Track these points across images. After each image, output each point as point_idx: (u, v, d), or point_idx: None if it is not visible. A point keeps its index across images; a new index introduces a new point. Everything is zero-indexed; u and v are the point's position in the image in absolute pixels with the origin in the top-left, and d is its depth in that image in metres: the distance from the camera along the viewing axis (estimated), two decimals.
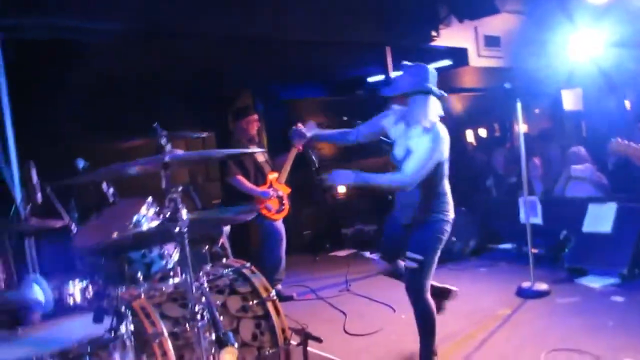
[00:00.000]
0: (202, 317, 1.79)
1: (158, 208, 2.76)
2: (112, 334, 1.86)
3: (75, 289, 2.58)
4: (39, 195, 3.12)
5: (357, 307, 4.76)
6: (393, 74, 6.08)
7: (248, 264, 2.78)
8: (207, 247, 3.10)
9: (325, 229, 7.34)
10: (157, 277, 2.69)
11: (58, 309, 2.49)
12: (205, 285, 1.98)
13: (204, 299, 1.87)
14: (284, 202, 5.26)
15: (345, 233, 7.28)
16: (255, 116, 5.23)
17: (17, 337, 1.99)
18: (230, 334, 1.77)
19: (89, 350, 1.77)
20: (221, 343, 1.74)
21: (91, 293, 2.65)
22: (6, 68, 3.59)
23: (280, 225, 5.24)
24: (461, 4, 5.95)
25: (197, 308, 1.80)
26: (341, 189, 7.92)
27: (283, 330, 2.55)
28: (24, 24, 3.66)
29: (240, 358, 2.41)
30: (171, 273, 2.73)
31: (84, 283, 2.64)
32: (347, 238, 7.24)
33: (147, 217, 2.70)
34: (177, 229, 1.78)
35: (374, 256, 6.37)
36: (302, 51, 5.68)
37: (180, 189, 1.77)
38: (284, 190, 5.30)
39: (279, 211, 5.23)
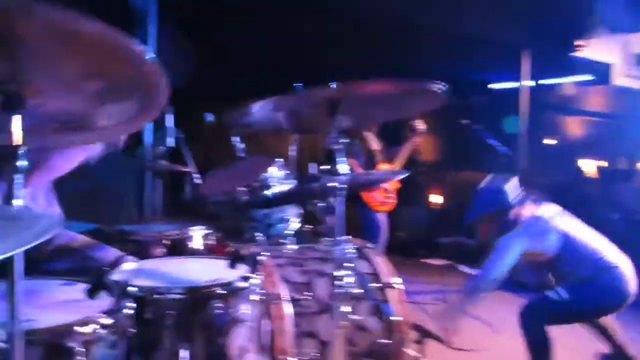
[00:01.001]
0: (342, 280, 1.63)
1: (287, 171, 2.67)
2: (244, 283, 1.73)
3: (196, 234, 2.54)
4: (171, 140, 3.13)
5: None
6: (526, 82, 5.68)
7: (370, 244, 2.60)
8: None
9: (419, 234, 7.05)
10: (275, 241, 2.62)
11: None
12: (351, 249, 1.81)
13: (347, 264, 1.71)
14: (390, 195, 5.06)
15: (441, 242, 6.94)
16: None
17: (144, 268, 1.93)
18: (386, 305, 1.59)
19: (219, 292, 1.65)
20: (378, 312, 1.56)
21: (210, 241, 2.61)
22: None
23: (382, 217, 5.05)
24: (614, 13, 5.41)
25: (341, 272, 1.63)
26: (437, 199, 7.61)
27: (401, 322, 2.34)
28: None
29: (349, 340, 2.24)
30: (288, 239, 2.64)
31: (205, 230, 2.60)
32: (443, 247, 6.91)
33: (276, 177, 2.62)
34: (334, 184, 1.62)
35: (473, 271, 6.03)
36: (425, 42, 5.40)
37: (346, 140, 1.61)
38: (393, 184, 5.09)
39: (383, 203, 5.03)
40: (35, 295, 1.55)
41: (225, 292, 1.69)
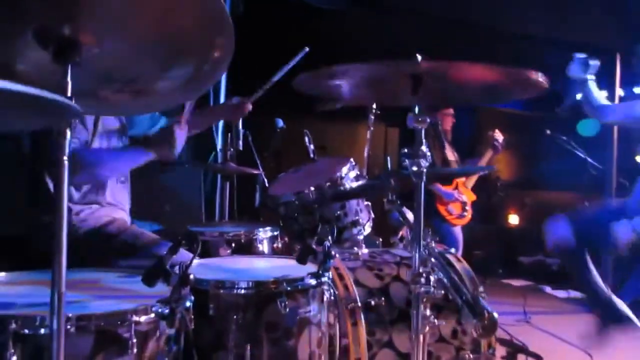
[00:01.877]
0: (427, 280, 1.41)
1: (359, 172, 2.51)
2: (314, 280, 1.56)
3: (264, 236, 2.41)
4: (241, 143, 3.06)
5: (539, 343, 4.03)
6: (619, 91, 5.21)
7: (453, 250, 2.36)
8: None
9: (499, 252, 6.60)
10: (347, 245, 2.44)
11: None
12: (434, 246, 1.60)
13: (433, 261, 1.49)
14: (467, 208, 4.76)
15: (522, 261, 6.46)
16: (452, 110, 4.81)
17: (211, 264, 1.80)
18: (482, 301, 1.36)
19: (286, 288, 1.49)
20: (473, 311, 1.33)
21: (280, 244, 2.47)
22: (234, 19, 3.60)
23: (458, 231, 4.75)
24: None
25: (422, 270, 1.42)
26: (514, 220, 7.14)
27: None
28: None
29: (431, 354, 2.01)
30: (362, 244, 2.45)
31: (273, 232, 2.47)
32: (524, 267, 6.42)
33: (347, 177, 2.46)
34: (416, 168, 1.43)
35: (557, 293, 5.55)
36: (507, 48, 5.07)
37: (429, 121, 1.41)
38: (470, 197, 4.80)
39: (460, 217, 4.74)
40: (92, 284, 1.45)
41: (293, 289, 1.53)
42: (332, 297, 1.70)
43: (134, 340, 1.15)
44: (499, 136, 4.86)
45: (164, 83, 1.08)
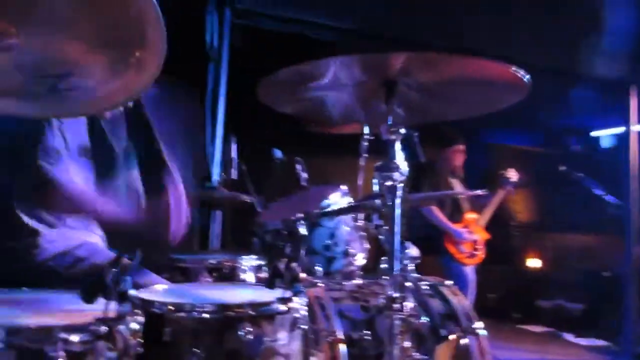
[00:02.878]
0: (401, 307, 1.28)
1: (352, 200, 2.42)
2: (283, 305, 1.43)
3: (247, 264, 2.31)
4: (234, 172, 3.00)
5: None
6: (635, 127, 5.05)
7: (449, 282, 2.21)
8: None
9: (515, 296, 6.31)
10: (337, 276, 2.32)
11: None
12: (413, 269, 1.47)
13: (407, 284, 1.36)
14: (478, 247, 4.58)
15: (541, 306, 6.16)
16: (463, 146, 4.71)
17: (177, 289, 1.70)
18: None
19: (250, 313, 1.36)
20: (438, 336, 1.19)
21: (264, 273, 2.36)
22: (231, 52, 3.61)
23: (470, 271, 4.55)
24: None
25: (395, 295, 1.29)
26: (532, 261, 6.87)
27: None
28: (256, 11, 3.68)
29: None
30: (355, 275, 2.32)
31: (257, 261, 2.37)
32: (543, 312, 6.11)
33: (339, 205, 2.37)
34: (389, 182, 1.32)
35: (581, 341, 5.24)
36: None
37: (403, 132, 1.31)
38: (482, 235, 4.63)
39: (471, 256, 4.55)
40: (37, 304, 1.35)
41: (257, 314, 1.40)
42: (309, 329, 1.57)
43: None
44: (512, 175, 4.73)
45: (97, 76, 1.01)
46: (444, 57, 1.27)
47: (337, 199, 2.40)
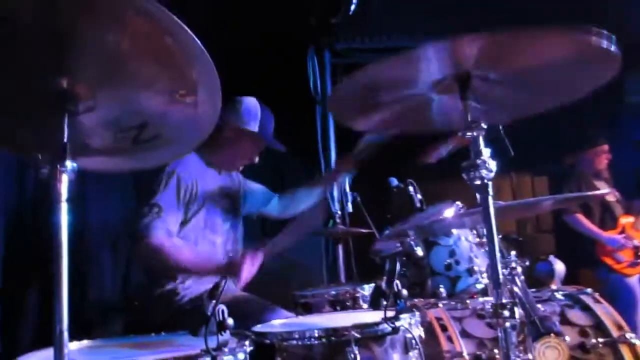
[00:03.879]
0: (512, 313, 1.16)
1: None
2: (391, 325, 1.39)
3: (367, 293, 2.29)
4: (350, 205, 3.02)
5: None
6: None
7: (589, 290, 1.97)
8: None
9: None
10: (464, 297, 2.19)
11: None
12: (520, 272, 1.34)
13: (516, 289, 1.24)
14: None
15: None
16: (606, 146, 4.26)
17: (290, 322, 1.73)
18: (555, 322, 1.08)
19: (356, 335, 1.34)
20: (538, 331, 1.07)
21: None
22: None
23: (634, 283, 4.00)
24: None
25: (504, 299, 1.18)
26: None
27: None
28: (352, 48, 3.77)
29: None
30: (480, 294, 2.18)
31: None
32: None
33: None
34: (478, 181, 1.23)
35: None
36: None
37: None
38: None
39: (633, 265, 4.01)
40: (159, 345, 1.45)
41: (364, 336, 1.37)
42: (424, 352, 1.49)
43: None
44: None
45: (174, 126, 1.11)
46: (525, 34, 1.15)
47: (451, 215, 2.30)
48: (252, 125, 2.31)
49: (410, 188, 2.70)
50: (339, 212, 2.86)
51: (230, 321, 1.16)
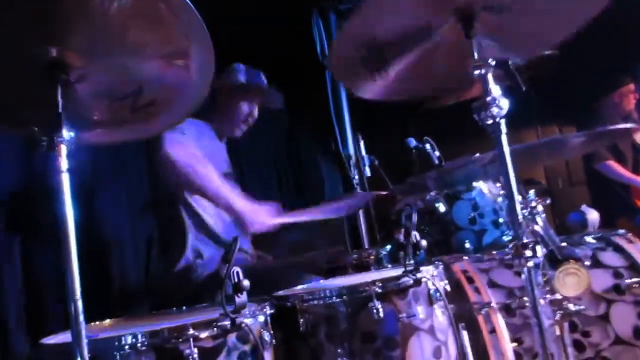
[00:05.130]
0: (534, 252, 1.15)
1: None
2: (412, 277, 1.39)
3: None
4: (367, 169, 3.02)
5: None
6: None
7: (622, 231, 1.94)
8: None
9: None
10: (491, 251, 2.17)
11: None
12: (540, 211, 1.33)
13: (537, 229, 1.23)
14: None
15: None
16: (632, 86, 4.14)
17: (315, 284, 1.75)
18: (574, 249, 1.07)
19: (377, 290, 1.35)
20: (556, 259, 1.06)
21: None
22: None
23: None
24: None
25: (525, 238, 1.17)
26: None
27: None
28: None
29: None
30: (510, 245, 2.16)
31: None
32: None
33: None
34: (491, 121, 1.21)
35: None
36: None
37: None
38: None
39: None
40: (180, 316, 1.49)
41: (384, 290, 1.38)
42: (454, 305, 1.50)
43: (195, 356, 1.13)
44: None
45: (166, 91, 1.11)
46: None
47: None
48: (240, 78, 2.37)
49: (428, 145, 2.68)
50: (357, 177, 2.86)
51: (246, 282, 1.18)
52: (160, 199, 2.27)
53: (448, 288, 1.58)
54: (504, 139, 1.22)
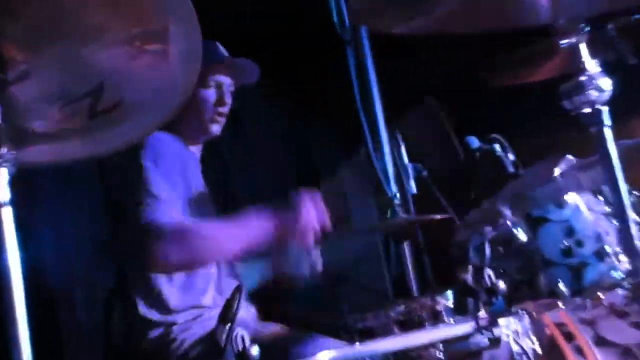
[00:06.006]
0: None
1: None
2: (487, 335, 1.43)
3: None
4: (413, 184, 3.04)
5: None
6: None
7: None
8: None
9: None
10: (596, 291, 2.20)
11: None
12: None
13: None
14: None
15: None
16: None
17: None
18: None
19: (439, 356, 1.40)
20: None
21: None
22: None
23: None
24: None
25: None
26: None
27: None
28: None
29: None
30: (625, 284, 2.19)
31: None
32: None
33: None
34: (588, 109, 1.25)
35: None
36: None
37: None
38: None
39: None
40: None
41: (451, 355, 1.42)
42: None
43: None
44: None
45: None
46: None
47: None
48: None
49: (497, 146, 2.72)
50: (398, 196, 2.89)
51: (254, 350, 1.22)
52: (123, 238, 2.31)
53: (538, 349, 1.61)
54: (609, 133, 1.25)
